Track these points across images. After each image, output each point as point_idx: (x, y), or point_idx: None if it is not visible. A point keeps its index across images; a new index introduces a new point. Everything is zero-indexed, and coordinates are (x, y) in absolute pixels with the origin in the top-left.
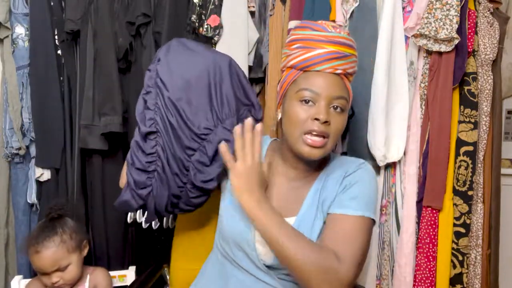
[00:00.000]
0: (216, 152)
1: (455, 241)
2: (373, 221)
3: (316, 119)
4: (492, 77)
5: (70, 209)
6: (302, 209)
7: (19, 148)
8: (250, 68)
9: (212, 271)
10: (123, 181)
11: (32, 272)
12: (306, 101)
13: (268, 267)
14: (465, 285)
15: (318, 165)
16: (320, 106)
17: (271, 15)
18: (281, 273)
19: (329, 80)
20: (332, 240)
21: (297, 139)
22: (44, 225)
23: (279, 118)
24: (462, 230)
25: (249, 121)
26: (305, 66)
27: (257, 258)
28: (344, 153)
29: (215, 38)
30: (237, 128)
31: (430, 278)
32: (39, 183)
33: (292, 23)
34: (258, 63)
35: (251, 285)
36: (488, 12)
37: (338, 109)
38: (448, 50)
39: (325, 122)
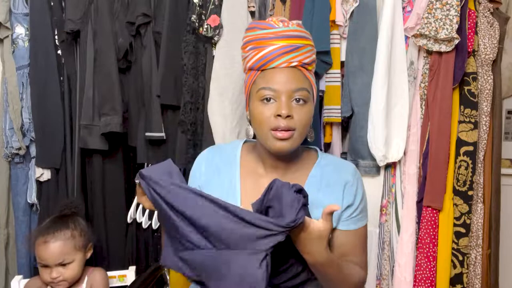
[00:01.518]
0: None
1: (455, 241)
2: None
3: (279, 115)
4: (492, 77)
5: (81, 211)
6: None
7: (19, 148)
8: None
9: None
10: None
11: (32, 272)
12: (267, 99)
13: None
14: (465, 285)
15: (299, 162)
16: (280, 101)
17: (271, 15)
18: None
19: (286, 74)
20: (353, 253)
21: (266, 136)
22: (56, 219)
23: (248, 120)
24: (462, 230)
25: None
26: (261, 65)
27: None
28: (344, 153)
29: (215, 38)
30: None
31: (430, 278)
32: (39, 183)
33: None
34: None
35: None
36: (488, 12)
37: (301, 101)
38: (448, 50)
39: (288, 116)
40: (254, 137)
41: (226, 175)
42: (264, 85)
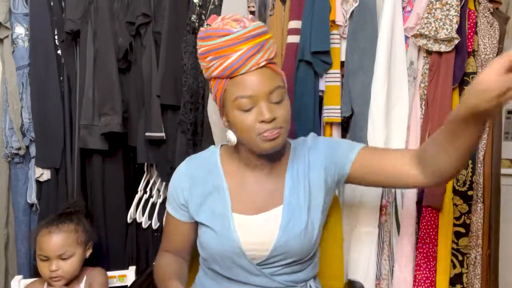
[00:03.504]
0: None
1: (455, 241)
2: None
3: (263, 121)
4: None
5: (83, 212)
6: (286, 196)
7: (19, 148)
8: None
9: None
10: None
11: (32, 272)
12: (247, 109)
13: (262, 265)
14: (465, 285)
15: (282, 153)
16: (260, 107)
17: (271, 15)
18: (275, 272)
19: (258, 77)
20: (390, 153)
21: (254, 141)
22: (61, 214)
23: (226, 126)
24: (462, 230)
25: None
26: (229, 74)
27: (252, 265)
28: None
29: None
30: None
31: (430, 278)
32: (39, 183)
33: (292, 23)
34: None
35: None
36: (488, 12)
37: (279, 100)
38: (448, 50)
39: (272, 119)
40: None
41: (209, 182)
42: (239, 94)
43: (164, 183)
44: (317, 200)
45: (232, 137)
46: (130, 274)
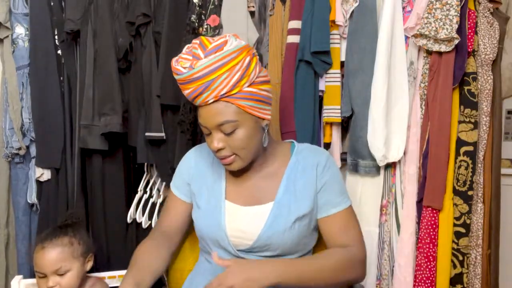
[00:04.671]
0: None
1: (455, 241)
2: None
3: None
4: (492, 77)
5: (83, 222)
6: (279, 194)
7: (19, 148)
8: None
9: (203, 268)
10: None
11: (32, 272)
12: (207, 133)
13: (247, 252)
14: (465, 285)
15: (276, 154)
16: (212, 136)
17: (271, 15)
18: (259, 255)
19: (209, 110)
20: (340, 237)
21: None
22: (57, 227)
23: None
24: (462, 230)
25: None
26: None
27: (233, 249)
28: (344, 153)
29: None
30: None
31: (430, 278)
32: (39, 183)
33: (292, 23)
34: None
35: None
36: (488, 12)
37: (228, 132)
38: (448, 50)
39: (218, 149)
40: None
41: (212, 169)
42: (200, 121)
43: (164, 183)
44: (306, 208)
45: None
46: None
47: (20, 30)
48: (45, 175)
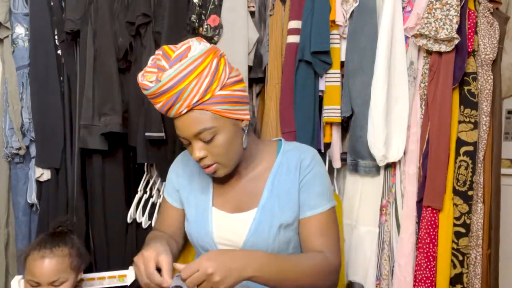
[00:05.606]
0: None
1: (455, 241)
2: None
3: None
4: (492, 77)
5: (79, 229)
6: (262, 200)
7: (19, 148)
8: (250, 68)
9: None
10: None
11: None
12: (186, 143)
13: None
14: (465, 285)
15: (262, 154)
16: (192, 146)
17: (271, 15)
18: None
19: (184, 121)
20: (314, 242)
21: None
22: (53, 235)
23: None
24: (462, 230)
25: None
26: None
27: None
28: (344, 153)
29: (215, 38)
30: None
31: (430, 278)
32: (39, 183)
33: (292, 23)
34: (258, 63)
35: None
36: (488, 12)
37: (207, 140)
38: (448, 50)
39: (200, 159)
40: None
41: (200, 176)
42: (176, 132)
43: (164, 183)
44: (292, 214)
45: None
46: (130, 274)
47: (20, 30)
48: (45, 175)
